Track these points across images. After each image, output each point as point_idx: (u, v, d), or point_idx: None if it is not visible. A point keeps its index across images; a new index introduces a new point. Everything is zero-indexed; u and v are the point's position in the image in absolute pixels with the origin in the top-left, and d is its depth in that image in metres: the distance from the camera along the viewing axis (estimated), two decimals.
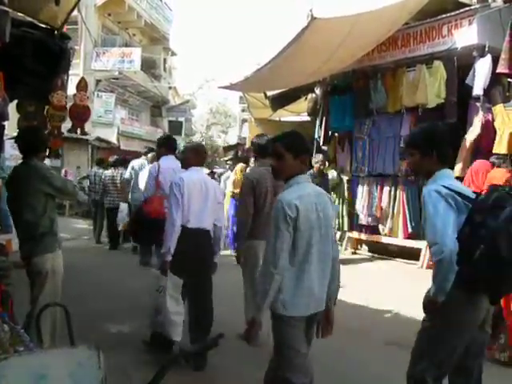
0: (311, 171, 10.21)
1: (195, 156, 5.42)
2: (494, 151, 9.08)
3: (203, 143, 12.75)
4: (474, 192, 3.38)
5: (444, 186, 3.21)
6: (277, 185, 5.24)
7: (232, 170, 15.60)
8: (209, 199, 5.23)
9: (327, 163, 13.04)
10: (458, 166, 9.61)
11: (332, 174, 12.47)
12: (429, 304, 3.35)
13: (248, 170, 11.18)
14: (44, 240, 4.82)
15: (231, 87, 13.85)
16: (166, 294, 5.06)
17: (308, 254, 3.32)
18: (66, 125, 11.04)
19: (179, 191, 5.02)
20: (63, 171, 20.76)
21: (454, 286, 3.12)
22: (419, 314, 7.04)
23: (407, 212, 10.96)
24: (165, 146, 7.00)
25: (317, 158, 10.74)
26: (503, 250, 2.81)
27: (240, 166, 12.19)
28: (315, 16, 8.53)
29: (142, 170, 10.50)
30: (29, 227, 4.78)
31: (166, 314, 5.04)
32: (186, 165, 5.47)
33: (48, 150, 10.30)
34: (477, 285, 3.04)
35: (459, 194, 3.21)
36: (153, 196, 6.55)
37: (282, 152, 3.47)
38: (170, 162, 6.72)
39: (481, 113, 9.36)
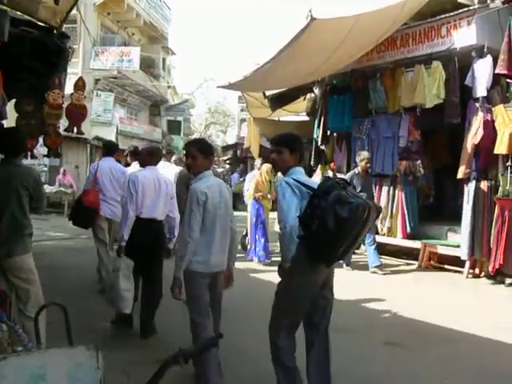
0: (356, 170, 10.15)
1: (150, 157, 6.33)
2: (495, 152, 9.11)
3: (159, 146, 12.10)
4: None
5: (293, 179, 4.03)
6: None
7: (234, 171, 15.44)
8: (161, 194, 6.07)
9: (324, 163, 13.09)
10: (462, 169, 9.62)
11: (328, 173, 12.49)
12: (279, 270, 4.04)
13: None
14: (27, 240, 4.87)
15: (230, 87, 13.85)
16: (119, 273, 5.79)
17: (213, 227, 4.50)
18: (64, 123, 11.05)
19: (134, 187, 5.90)
20: (61, 170, 20.77)
21: (297, 255, 3.83)
22: (418, 314, 7.11)
23: (406, 212, 10.97)
24: (105, 149, 8.66)
25: (362, 156, 10.16)
26: (330, 224, 3.59)
27: (267, 166, 11.07)
28: (314, 17, 8.52)
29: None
30: (16, 227, 4.80)
31: (117, 291, 5.77)
32: (143, 164, 6.51)
33: (47, 149, 10.34)
34: (314, 253, 3.80)
35: (304, 185, 4.00)
36: (90, 189, 7.91)
37: (196, 154, 4.62)
38: (108, 162, 8.14)
39: (480, 113, 9.36)
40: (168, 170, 9.32)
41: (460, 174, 9.68)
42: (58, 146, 10.57)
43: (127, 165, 8.75)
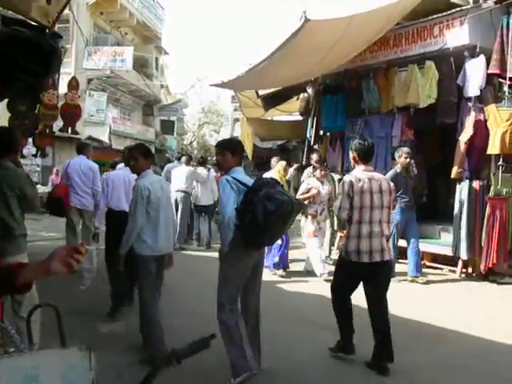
0: (397, 168, 9.12)
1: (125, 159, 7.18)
2: (488, 152, 9.15)
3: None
4: None
5: (232, 177, 4.80)
6: None
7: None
8: (130, 189, 6.37)
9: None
10: (455, 169, 9.65)
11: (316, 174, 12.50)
12: (219, 254, 4.88)
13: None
14: (20, 241, 4.86)
15: (223, 85, 13.84)
16: (94, 254, 6.96)
17: (157, 217, 5.34)
18: (58, 123, 11.01)
19: (105, 184, 7.14)
20: (54, 170, 20.70)
21: (234, 240, 4.63)
22: (411, 313, 7.12)
23: None
24: (77, 149, 9.78)
25: (400, 151, 9.26)
26: (260, 216, 4.39)
27: (281, 164, 10.23)
28: (309, 18, 8.51)
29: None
30: (4, 228, 4.79)
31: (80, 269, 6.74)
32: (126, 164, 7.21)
33: (36, 149, 10.32)
34: (247, 239, 4.59)
35: (241, 182, 4.77)
36: (60, 183, 9.66)
37: (138, 156, 5.49)
38: (77, 160, 9.38)
39: (472, 113, 9.39)
40: (181, 169, 12.62)
41: (453, 174, 9.71)
42: (46, 146, 10.55)
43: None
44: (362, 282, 5.41)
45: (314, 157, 11.13)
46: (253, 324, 5.05)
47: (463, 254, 9.46)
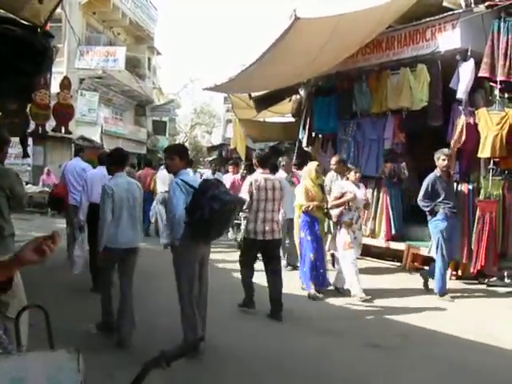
0: (436, 172, 8.49)
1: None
2: (479, 155, 9.19)
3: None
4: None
5: (181, 179, 5.48)
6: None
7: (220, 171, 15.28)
8: None
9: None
10: None
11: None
12: (172, 247, 5.57)
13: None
14: (8, 241, 4.85)
15: (216, 89, 13.83)
16: (76, 244, 7.88)
17: (121, 215, 5.84)
18: (51, 123, 10.99)
19: (85, 183, 7.83)
20: (45, 170, 20.62)
21: (184, 235, 5.30)
22: (400, 315, 7.15)
23: (391, 214, 11.01)
24: (75, 152, 10.28)
25: (439, 153, 8.53)
26: (206, 215, 5.01)
27: (313, 166, 8.73)
28: (299, 16, 8.51)
29: None
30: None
31: (72, 256, 7.93)
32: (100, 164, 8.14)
33: (23, 149, 10.28)
34: (196, 234, 5.28)
35: (189, 184, 5.41)
36: (59, 183, 10.28)
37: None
38: (73, 162, 10.07)
39: (463, 116, 9.42)
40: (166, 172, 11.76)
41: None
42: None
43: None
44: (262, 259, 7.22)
45: (334, 159, 9.74)
46: (201, 307, 5.69)
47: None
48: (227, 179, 13.84)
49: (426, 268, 9.54)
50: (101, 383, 4.10)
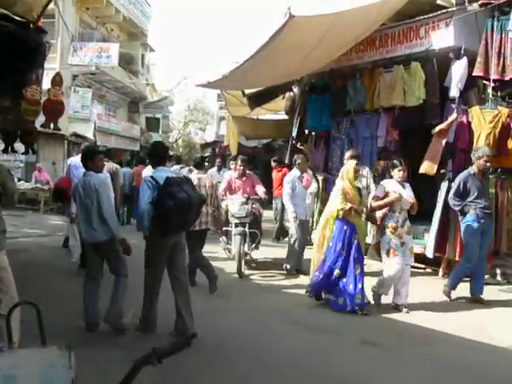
0: (470, 169, 8.11)
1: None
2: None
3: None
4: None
5: (151, 176, 5.88)
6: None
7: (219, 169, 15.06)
8: None
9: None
10: (426, 164, 9.75)
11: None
12: (144, 238, 6.04)
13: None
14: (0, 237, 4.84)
15: (209, 85, 13.82)
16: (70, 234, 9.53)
17: (91, 209, 6.01)
18: (40, 119, 10.93)
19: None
20: (36, 166, 20.56)
21: (152, 227, 5.70)
22: (395, 313, 7.15)
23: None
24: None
25: (480, 152, 8.08)
26: (163, 210, 5.50)
27: (352, 164, 7.67)
28: (293, 14, 8.51)
29: None
30: None
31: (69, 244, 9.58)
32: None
33: (25, 146, 10.24)
34: (160, 226, 5.64)
35: (155, 180, 5.74)
36: (63, 176, 10.74)
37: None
38: (77, 158, 9.73)
39: (455, 114, 9.45)
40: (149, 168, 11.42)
41: (422, 169, 9.78)
42: (32, 142, 10.47)
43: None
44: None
45: (348, 154, 9.29)
46: (182, 293, 6.06)
47: (429, 253, 9.58)
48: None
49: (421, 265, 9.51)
50: (92, 380, 4.08)
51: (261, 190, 9.90)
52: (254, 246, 9.79)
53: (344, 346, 5.94)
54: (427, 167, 9.75)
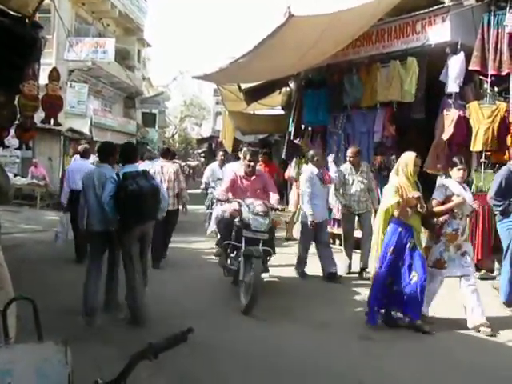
0: (509, 165, 7.58)
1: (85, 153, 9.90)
2: (471, 149, 9.21)
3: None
4: None
5: (116, 174, 6.40)
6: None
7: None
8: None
9: (300, 157, 13.05)
10: (430, 162, 9.71)
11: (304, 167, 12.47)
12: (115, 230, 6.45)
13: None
14: None
15: (205, 78, 13.79)
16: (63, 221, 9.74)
17: (90, 198, 6.53)
18: (40, 115, 10.90)
19: (67, 172, 9.47)
20: (33, 162, 20.51)
21: (121, 218, 6.26)
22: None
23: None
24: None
25: None
26: (119, 202, 6.09)
27: (412, 157, 6.57)
28: (293, 13, 8.50)
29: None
30: None
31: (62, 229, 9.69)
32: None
33: (19, 142, 10.22)
34: (123, 217, 6.24)
35: (118, 175, 6.31)
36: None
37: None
38: (77, 164, 10.47)
39: (453, 109, 9.45)
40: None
41: (429, 168, 9.76)
42: (29, 139, 10.43)
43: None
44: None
45: (352, 150, 9.31)
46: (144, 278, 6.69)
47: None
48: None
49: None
50: (88, 375, 4.06)
51: (275, 198, 7.97)
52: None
53: (341, 341, 5.93)
54: (432, 165, 9.72)
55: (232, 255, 7.66)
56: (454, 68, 9.44)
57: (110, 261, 6.76)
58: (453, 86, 9.46)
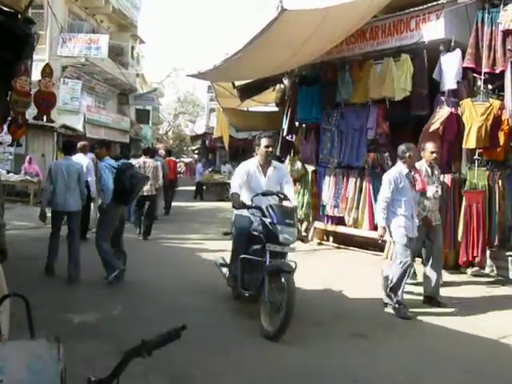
0: None
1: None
2: (463, 146, 9.23)
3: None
4: None
5: (107, 163, 8.22)
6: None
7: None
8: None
9: (293, 154, 13.06)
10: None
11: (297, 164, 12.49)
12: (99, 209, 8.46)
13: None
14: None
15: (200, 76, 13.77)
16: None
17: (57, 185, 8.07)
18: (32, 111, 10.86)
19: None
20: (27, 158, 20.43)
21: (111, 200, 7.93)
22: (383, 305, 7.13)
23: (374, 204, 11.03)
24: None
25: None
26: (127, 186, 7.76)
27: None
28: (285, 7, 8.49)
29: None
30: None
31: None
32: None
33: (11, 139, 10.18)
34: (119, 200, 7.90)
35: (111, 166, 8.18)
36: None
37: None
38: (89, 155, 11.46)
39: (446, 107, 9.46)
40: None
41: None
42: (20, 136, 10.38)
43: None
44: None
45: (433, 146, 7.77)
46: (120, 249, 8.33)
47: None
48: None
49: None
50: (81, 372, 4.06)
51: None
52: None
53: (332, 338, 5.93)
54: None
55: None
56: (450, 65, 9.44)
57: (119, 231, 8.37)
58: (449, 84, 9.46)
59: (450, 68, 9.44)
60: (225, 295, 7.24)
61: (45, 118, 11.42)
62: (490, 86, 9.38)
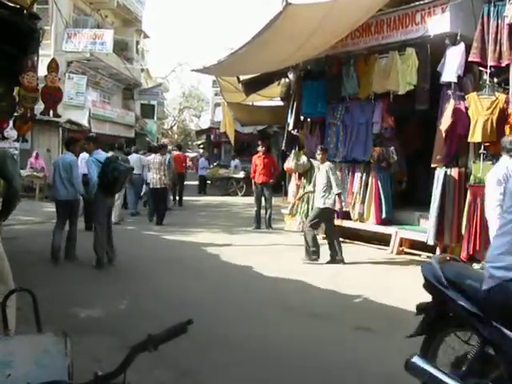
0: None
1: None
2: (469, 140, 9.19)
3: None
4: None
5: (94, 158, 9.11)
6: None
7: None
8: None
9: (298, 149, 13.05)
10: (435, 157, 9.70)
11: (302, 159, 12.47)
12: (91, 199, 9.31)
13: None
14: None
15: (205, 71, 13.76)
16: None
17: (56, 177, 9.09)
18: (39, 106, 10.88)
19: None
20: (34, 153, 20.48)
21: (97, 193, 8.73)
22: (389, 300, 7.16)
23: (379, 198, 11.02)
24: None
25: None
26: (110, 179, 8.47)
27: None
28: (290, 1, 8.48)
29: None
30: None
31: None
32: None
33: (17, 135, 10.21)
34: (104, 192, 8.67)
35: (98, 160, 8.92)
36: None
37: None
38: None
39: (452, 100, 9.42)
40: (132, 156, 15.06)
41: (433, 162, 9.74)
42: (27, 131, 10.40)
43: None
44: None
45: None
46: (108, 233, 8.92)
47: (438, 240, 9.53)
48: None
49: (415, 252, 9.33)
50: (88, 367, 4.07)
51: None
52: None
53: (338, 332, 5.94)
54: (437, 160, 9.70)
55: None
56: (454, 58, 9.40)
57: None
58: (451, 77, 9.41)
59: (455, 61, 9.40)
60: (231, 289, 7.26)
61: (51, 112, 11.43)
62: (495, 80, 9.33)
